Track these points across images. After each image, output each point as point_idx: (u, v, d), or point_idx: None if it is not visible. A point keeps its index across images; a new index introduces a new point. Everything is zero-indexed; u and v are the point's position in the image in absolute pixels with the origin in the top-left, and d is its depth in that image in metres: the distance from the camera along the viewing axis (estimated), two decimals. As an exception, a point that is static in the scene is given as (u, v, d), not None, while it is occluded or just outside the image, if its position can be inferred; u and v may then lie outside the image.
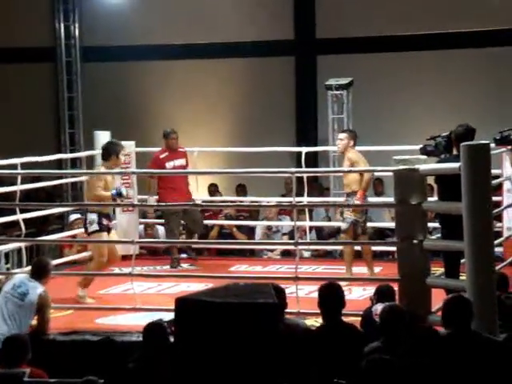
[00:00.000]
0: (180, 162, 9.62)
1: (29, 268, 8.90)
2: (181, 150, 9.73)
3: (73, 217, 10.11)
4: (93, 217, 7.98)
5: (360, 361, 4.57)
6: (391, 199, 6.69)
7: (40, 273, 6.58)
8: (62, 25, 13.75)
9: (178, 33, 13.50)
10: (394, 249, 7.45)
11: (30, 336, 6.27)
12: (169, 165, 9.51)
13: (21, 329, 6.30)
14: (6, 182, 9.86)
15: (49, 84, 13.98)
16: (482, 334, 4.71)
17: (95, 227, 7.98)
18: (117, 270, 8.92)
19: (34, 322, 6.68)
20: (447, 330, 4.94)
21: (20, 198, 9.01)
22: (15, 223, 9.17)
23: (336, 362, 4.89)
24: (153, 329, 5.25)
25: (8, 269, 9.57)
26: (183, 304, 3.93)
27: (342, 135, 8.82)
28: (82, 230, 8.79)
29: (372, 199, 10.97)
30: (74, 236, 9.60)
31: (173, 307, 4.69)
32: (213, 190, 11.95)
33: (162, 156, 9.59)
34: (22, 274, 6.91)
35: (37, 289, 6.47)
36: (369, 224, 10.63)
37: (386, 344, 4.98)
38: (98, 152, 9.76)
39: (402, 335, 5.08)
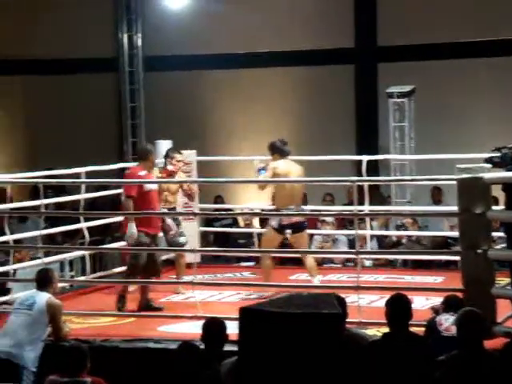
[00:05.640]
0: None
1: (93, 275, 9.06)
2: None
3: None
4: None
5: (429, 370, 4.48)
6: (450, 208, 6.60)
7: (43, 283, 6.57)
8: (126, 35, 13.94)
9: (239, 42, 13.56)
10: (457, 258, 7.36)
11: (49, 344, 6.32)
12: (147, 186, 7.94)
13: (36, 338, 6.31)
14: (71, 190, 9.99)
15: (112, 94, 14.16)
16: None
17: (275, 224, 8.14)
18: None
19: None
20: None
21: (84, 207, 9.13)
22: (79, 231, 9.30)
23: (403, 372, 4.82)
24: (212, 325, 5.19)
25: (72, 276, 9.73)
26: (247, 314, 3.93)
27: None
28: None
29: (431, 208, 10.87)
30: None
31: (234, 316, 4.71)
32: (219, 201, 12.01)
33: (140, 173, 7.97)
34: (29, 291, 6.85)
35: (43, 298, 6.45)
36: (427, 233, 10.52)
37: (467, 352, 4.83)
38: (159, 161, 9.86)
39: (482, 341, 4.91)
